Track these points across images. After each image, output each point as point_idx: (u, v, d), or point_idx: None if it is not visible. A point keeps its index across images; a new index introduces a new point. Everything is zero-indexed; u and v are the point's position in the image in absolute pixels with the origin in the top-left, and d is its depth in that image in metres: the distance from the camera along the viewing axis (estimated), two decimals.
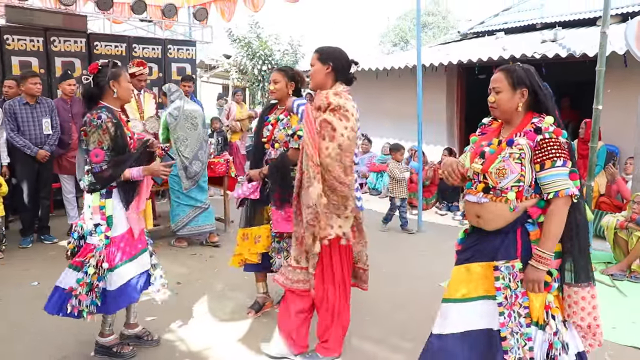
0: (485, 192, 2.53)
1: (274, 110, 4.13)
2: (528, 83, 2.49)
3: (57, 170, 6.44)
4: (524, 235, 2.48)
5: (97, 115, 3.20)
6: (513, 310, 2.48)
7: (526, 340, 2.46)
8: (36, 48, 7.64)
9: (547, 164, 2.38)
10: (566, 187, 2.36)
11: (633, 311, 4.39)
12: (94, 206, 3.27)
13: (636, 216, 5.19)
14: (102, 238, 3.26)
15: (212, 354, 3.64)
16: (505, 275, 2.49)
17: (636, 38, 5.66)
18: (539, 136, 2.42)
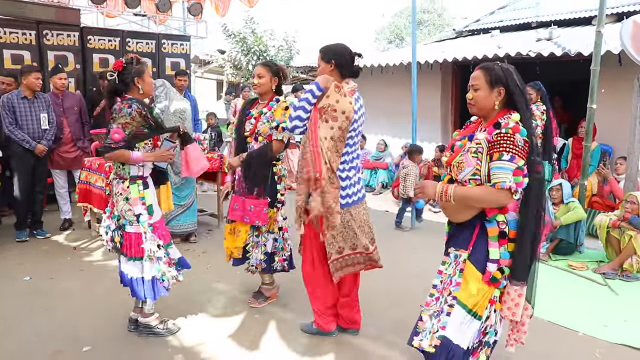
0: (450, 184, 2.64)
1: (256, 104, 4.15)
2: (505, 82, 2.55)
3: (49, 165, 6.40)
4: (480, 232, 2.59)
5: (127, 105, 3.44)
6: (442, 295, 2.65)
7: (440, 328, 2.60)
8: (28, 41, 7.57)
9: (495, 156, 2.46)
10: (503, 180, 2.41)
11: (624, 309, 4.41)
12: (133, 197, 3.51)
13: (628, 215, 5.21)
14: (146, 226, 3.53)
15: (204, 349, 3.63)
16: (451, 261, 2.66)
17: (631, 38, 5.67)
18: (496, 130, 2.48)
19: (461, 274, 2.60)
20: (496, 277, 2.55)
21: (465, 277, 2.59)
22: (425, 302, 2.70)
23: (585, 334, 3.92)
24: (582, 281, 5.11)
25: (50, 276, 4.96)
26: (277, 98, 4.05)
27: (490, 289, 2.57)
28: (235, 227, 4.17)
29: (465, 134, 2.71)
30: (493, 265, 2.55)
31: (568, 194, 5.89)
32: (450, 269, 2.68)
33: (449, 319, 2.59)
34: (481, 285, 2.55)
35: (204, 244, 6.10)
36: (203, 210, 7.18)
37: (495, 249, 2.54)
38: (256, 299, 4.35)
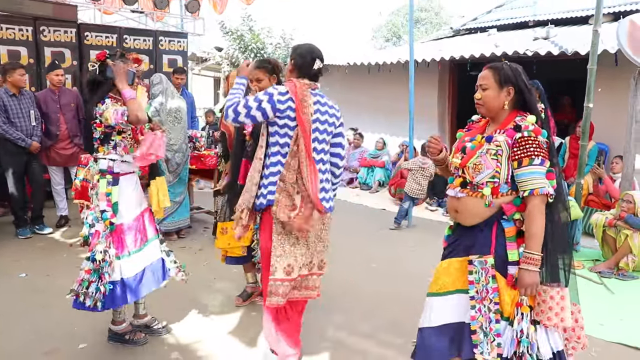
0: (463, 187, 2.57)
1: None
2: (515, 82, 2.51)
3: (45, 161, 6.40)
4: (498, 232, 2.49)
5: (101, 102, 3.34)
6: (484, 305, 2.49)
7: (495, 336, 2.46)
8: (25, 37, 7.55)
9: (525, 161, 2.39)
10: (542, 186, 2.36)
11: (620, 308, 4.43)
12: (100, 192, 3.36)
13: (624, 214, 5.23)
14: (107, 224, 3.32)
15: (201, 346, 3.63)
16: (478, 269, 2.50)
17: (628, 37, 5.68)
18: (517, 134, 2.43)
19: (494, 280, 2.48)
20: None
21: (498, 284, 2.48)
22: (471, 316, 2.52)
23: None
24: (578, 280, 5.09)
25: (47, 273, 4.95)
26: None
27: (516, 292, 2.46)
28: (226, 226, 4.11)
29: (473, 135, 2.64)
30: (514, 267, 2.47)
31: (565, 192, 5.90)
32: (480, 277, 2.52)
33: (500, 327, 2.47)
34: (508, 290, 2.47)
35: (200, 242, 6.10)
36: (200, 208, 7.18)
37: (513, 250, 2.47)
38: (241, 297, 4.36)
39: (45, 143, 6.27)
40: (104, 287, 3.27)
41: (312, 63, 3.30)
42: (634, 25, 5.79)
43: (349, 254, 5.47)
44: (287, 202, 3.03)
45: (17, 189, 6.01)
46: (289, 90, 3.11)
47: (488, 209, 2.49)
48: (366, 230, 6.85)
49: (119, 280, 3.33)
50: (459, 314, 2.59)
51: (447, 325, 2.60)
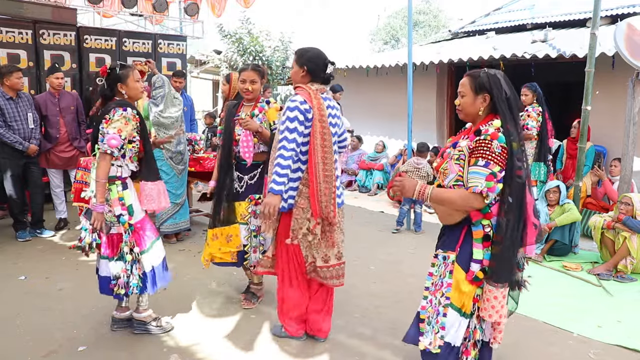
0: (428, 185, 2.73)
1: (241, 107, 4.13)
2: (489, 89, 2.60)
3: (44, 164, 6.40)
4: (467, 234, 2.66)
5: (123, 107, 3.41)
6: (435, 297, 2.71)
7: (440, 328, 2.67)
8: (25, 40, 7.56)
9: (471, 161, 2.54)
10: (475, 185, 2.50)
11: (618, 310, 4.43)
12: (113, 199, 3.46)
13: (623, 216, 5.24)
14: (127, 227, 3.49)
15: (200, 349, 3.63)
16: (440, 263, 2.74)
17: (625, 40, 5.70)
18: (476, 137, 2.55)
19: (451, 275, 2.67)
20: (478, 277, 2.63)
21: (455, 278, 2.66)
22: (421, 306, 2.77)
23: (579, 335, 3.94)
24: (577, 282, 5.13)
25: (46, 276, 4.95)
26: (267, 100, 4.08)
27: (473, 287, 2.64)
28: (222, 232, 4.09)
29: (455, 140, 2.78)
30: (476, 265, 2.62)
31: (563, 195, 5.92)
32: (439, 270, 2.75)
33: (446, 320, 2.66)
34: (466, 285, 2.63)
35: (199, 244, 6.09)
36: (199, 211, 7.18)
37: (479, 249, 2.61)
38: (250, 300, 4.36)
39: (44, 146, 6.28)
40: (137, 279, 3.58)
41: (325, 68, 3.46)
42: (632, 28, 5.81)
43: (348, 257, 5.47)
44: (306, 204, 3.33)
45: (15, 192, 6.01)
46: (306, 100, 3.27)
47: (459, 213, 2.65)
48: (365, 232, 6.85)
49: (150, 270, 3.61)
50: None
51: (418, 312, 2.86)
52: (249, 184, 4.06)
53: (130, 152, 3.50)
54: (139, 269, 3.58)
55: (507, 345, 3.63)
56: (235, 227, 4.05)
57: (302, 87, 3.39)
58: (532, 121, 6.25)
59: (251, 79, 3.99)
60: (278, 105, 4.06)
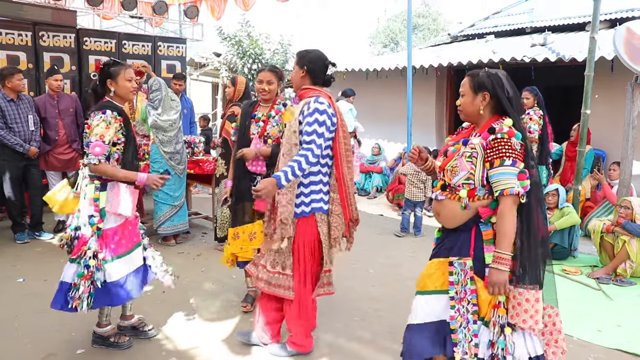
0: (443, 190, 2.67)
1: (257, 107, 4.13)
2: (489, 88, 2.57)
3: (43, 166, 6.39)
4: (477, 235, 2.56)
5: (101, 110, 3.29)
6: (462, 306, 2.57)
7: (472, 336, 2.54)
8: (24, 42, 7.56)
9: (496, 162, 2.46)
10: (511, 186, 2.42)
11: (618, 314, 4.43)
12: (89, 198, 3.36)
13: (622, 220, 5.24)
14: (94, 229, 3.32)
15: (199, 352, 3.62)
16: (458, 271, 2.58)
17: (624, 44, 5.70)
18: (491, 136, 2.50)
19: (473, 282, 2.54)
20: None
21: (477, 285, 2.55)
22: (450, 316, 2.60)
23: (579, 339, 3.93)
24: (576, 286, 5.13)
25: (44, 278, 4.94)
26: (284, 103, 4.07)
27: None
28: (244, 230, 4.03)
29: (458, 139, 2.73)
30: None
31: (563, 198, 5.92)
32: (460, 278, 2.60)
33: (476, 327, 2.54)
34: (484, 291, 2.52)
35: (198, 247, 6.09)
36: (198, 213, 7.18)
37: (490, 253, 2.52)
38: (250, 303, 4.36)
39: (43, 148, 6.27)
40: (89, 288, 3.29)
41: (326, 69, 3.43)
42: (631, 32, 5.82)
43: (347, 260, 5.48)
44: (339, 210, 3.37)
45: (14, 194, 5.99)
46: (330, 104, 3.30)
47: (465, 212, 2.57)
48: (364, 236, 6.84)
49: (103, 283, 3.34)
50: (440, 313, 2.67)
51: (429, 323, 2.68)
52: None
53: (115, 154, 3.38)
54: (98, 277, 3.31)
55: None
56: (259, 224, 3.95)
57: (319, 91, 3.37)
58: (535, 124, 6.26)
59: (267, 80, 3.99)
60: (293, 109, 4.03)
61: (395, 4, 34.92)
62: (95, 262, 3.29)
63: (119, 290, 3.39)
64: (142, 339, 3.76)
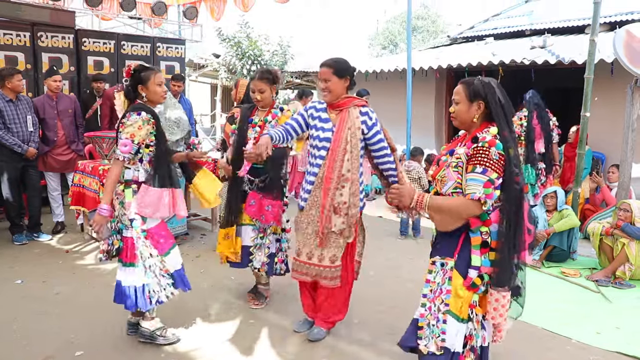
0: (425, 194, 2.74)
1: (255, 111, 4.19)
2: (484, 96, 2.62)
3: (42, 167, 6.36)
4: (465, 241, 2.68)
5: (137, 112, 3.39)
6: (434, 304, 2.71)
7: (440, 333, 2.69)
8: (22, 43, 7.53)
9: (469, 168, 2.56)
10: (473, 192, 2.51)
11: (617, 317, 4.42)
12: (127, 202, 3.42)
13: (621, 223, 5.24)
14: (139, 232, 3.41)
15: (198, 354, 3.62)
16: (438, 270, 2.74)
17: (624, 47, 5.70)
18: (473, 145, 2.57)
19: (450, 282, 2.68)
20: (476, 283, 2.63)
21: (454, 284, 2.67)
22: (420, 314, 2.76)
23: (578, 341, 3.93)
24: (575, 288, 5.12)
25: (43, 279, 4.92)
26: (280, 107, 4.12)
27: (470, 293, 2.65)
28: (229, 232, 4.16)
29: (450, 148, 2.79)
30: (474, 271, 2.63)
31: (562, 201, 5.92)
32: (438, 277, 2.75)
33: (446, 326, 2.67)
34: (463, 290, 2.64)
35: (197, 249, 6.08)
36: (196, 215, 7.16)
37: (477, 256, 2.63)
38: (257, 299, 4.42)
39: (42, 149, 6.25)
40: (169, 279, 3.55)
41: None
42: (630, 35, 5.82)
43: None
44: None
45: (12, 195, 5.97)
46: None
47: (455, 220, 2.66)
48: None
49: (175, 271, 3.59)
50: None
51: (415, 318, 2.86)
52: (259, 186, 4.11)
53: (148, 156, 3.46)
54: (166, 270, 3.54)
55: (506, 351, 3.62)
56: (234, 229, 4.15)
57: (359, 99, 3.67)
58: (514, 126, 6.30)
59: (259, 89, 4.03)
60: (290, 113, 4.06)
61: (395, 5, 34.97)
62: (154, 260, 3.46)
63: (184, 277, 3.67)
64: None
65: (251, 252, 4.15)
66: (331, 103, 3.61)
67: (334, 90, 3.55)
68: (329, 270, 3.61)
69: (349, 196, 3.52)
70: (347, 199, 3.52)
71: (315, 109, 3.70)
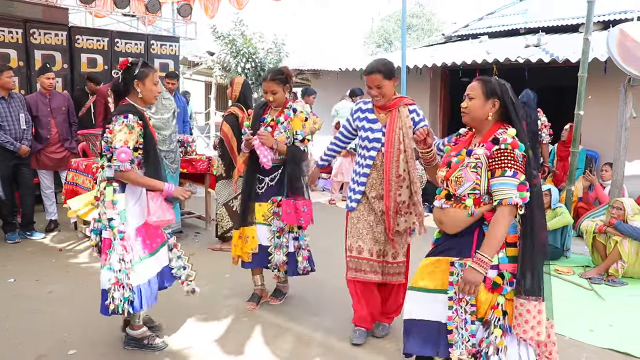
0: (447, 199, 2.69)
1: (268, 109, 4.15)
2: (500, 95, 2.61)
3: (35, 165, 6.33)
4: (480, 237, 2.59)
5: (123, 115, 3.23)
6: (460, 306, 2.59)
7: (470, 337, 2.57)
8: (15, 40, 7.49)
9: (497, 172, 2.49)
10: (509, 196, 2.45)
11: (610, 314, 4.44)
12: (107, 201, 3.29)
13: (614, 221, 5.26)
14: (116, 232, 3.27)
15: (192, 352, 3.61)
16: (458, 271, 2.61)
17: (618, 45, 5.72)
18: (495, 146, 2.52)
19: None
20: (497, 283, 2.53)
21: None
22: (448, 317, 2.62)
23: (571, 339, 3.94)
24: (569, 286, 5.14)
25: (36, 278, 4.90)
26: (294, 108, 4.02)
27: (492, 295, 2.54)
28: (243, 232, 4.13)
29: (459, 149, 2.73)
30: (493, 271, 2.53)
31: (555, 199, 5.94)
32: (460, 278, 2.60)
33: (475, 327, 2.57)
34: (484, 293, 2.55)
35: (191, 247, 6.06)
36: (191, 213, 7.15)
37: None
38: (276, 296, 4.45)
39: (35, 147, 6.21)
40: (128, 293, 3.28)
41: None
42: (624, 34, 5.84)
43: (340, 260, 5.47)
44: None
45: (5, 193, 5.93)
46: None
47: (471, 219, 2.59)
48: None
49: (136, 286, 3.33)
50: (436, 313, 2.69)
51: (425, 321, 2.72)
52: (270, 185, 4.10)
53: (136, 159, 3.34)
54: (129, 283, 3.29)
55: None
56: (252, 229, 4.12)
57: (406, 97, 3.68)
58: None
59: (271, 90, 3.97)
60: (304, 115, 4.02)
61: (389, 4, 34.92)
62: (120, 265, 3.25)
63: (149, 289, 3.41)
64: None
65: (269, 252, 4.13)
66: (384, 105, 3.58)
67: (387, 93, 3.52)
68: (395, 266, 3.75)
69: (409, 195, 3.66)
70: (406, 199, 3.66)
71: (361, 110, 3.69)
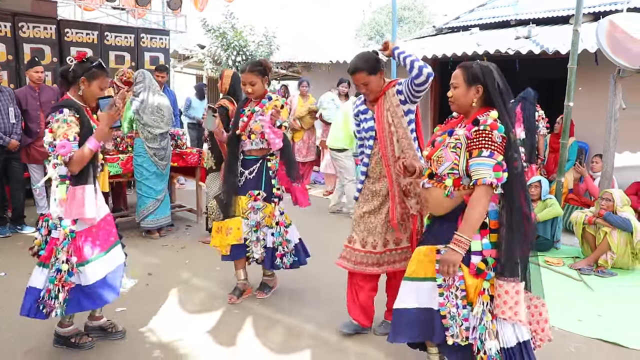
0: (430, 178, 2.74)
1: (249, 103, 4.21)
2: (483, 80, 2.61)
3: (25, 159, 6.29)
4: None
5: (59, 110, 3.11)
6: (450, 292, 2.64)
7: (463, 321, 2.62)
8: (3, 33, 7.42)
9: (474, 152, 2.53)
10: (484, 176, 2.49)
11: (599, 305, 4.48)
12: (59, 199, 3.16)
13: (604, 212, 5.29)
14: (67, 232, 3.14)
15: (182, 344, 3.61)
16: None
17: (607, 37, 5.74)
18: (474, 127, 2.55)
19: (460, 268, 2.60)
20: (481, 269, 2.58)
21: (463, 272, 2.62)
22: (439, 303, 2.66)
23: (560, 329, 3.96)
24: (558, 277, 5.18)
25: (27, 272, 4.86)
26: (269, 96, 4.12)
27: (478, 280, 2.60)
28: (222, 225, 4.17)
29: (445, 129, 2.77)
30: (477, 257, 2.59)
31: (545, 190, 5.97)
32: None
33: (466, 312, 2.62)
34: (470, 278, 2.60)
35: (182, 240, 6.06)
36: (181, 206, 7.14)
37: (477, 240, 2.58)
38: (262, 290, 4.43)
39: (25, 141, 6.17)
40: (64, 293, 3.15)
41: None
42: (613, 26, 5.86)
43: (334, 252, 5.48)
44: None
45: None
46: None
47: (451, 200, 2.63)
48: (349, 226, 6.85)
49: (77, 287, 3.20)
50: (427, 300, 2.73)
51: (417, 309, 2.76)
52: (248, 178, 4.13)
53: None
54: (70, 284, 3.16)
55: None
56: (236, 221, 4.12)
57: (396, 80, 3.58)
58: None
59: (250, 81, 4.03)
60: (279, 104, 4.07)
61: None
62: (68, 266, 3.12)
63: (97, 293, 3.24)
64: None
65: (247, 245, 4.15)
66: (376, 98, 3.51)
67: (375, 88, 3.45)
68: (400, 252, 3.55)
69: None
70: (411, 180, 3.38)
71: (357, 106, 3.66)
